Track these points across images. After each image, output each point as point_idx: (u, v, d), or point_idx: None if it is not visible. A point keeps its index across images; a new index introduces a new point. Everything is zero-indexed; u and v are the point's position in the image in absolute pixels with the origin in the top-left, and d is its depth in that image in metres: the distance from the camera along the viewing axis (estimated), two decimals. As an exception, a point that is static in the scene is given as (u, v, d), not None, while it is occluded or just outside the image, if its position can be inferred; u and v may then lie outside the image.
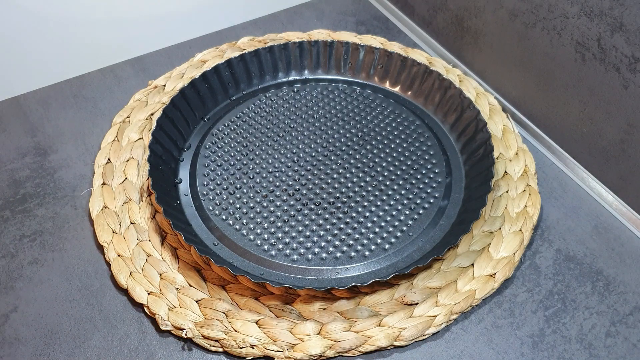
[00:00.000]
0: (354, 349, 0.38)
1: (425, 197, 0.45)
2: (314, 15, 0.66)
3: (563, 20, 0.45)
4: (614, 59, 0.42)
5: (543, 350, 0.39)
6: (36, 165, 0.49)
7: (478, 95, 0.54)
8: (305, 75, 0.56)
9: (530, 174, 0.47)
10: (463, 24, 0.56)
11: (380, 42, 0.59)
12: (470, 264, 0.42)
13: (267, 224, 0.43)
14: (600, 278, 0.43)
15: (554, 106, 0.50)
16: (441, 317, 0.39)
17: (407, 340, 0.38)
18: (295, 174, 0.47)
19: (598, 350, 0.39)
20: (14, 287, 0.41)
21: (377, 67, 0.54)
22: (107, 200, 0.45)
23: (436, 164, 0.48)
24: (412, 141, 0.49)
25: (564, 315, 0.40)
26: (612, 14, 0.41)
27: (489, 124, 0.48)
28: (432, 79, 0.51)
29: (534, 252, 0.44)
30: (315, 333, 0.38)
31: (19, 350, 0.38)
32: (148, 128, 0.51)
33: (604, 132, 0.46)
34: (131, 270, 0.41)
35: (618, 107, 0.44)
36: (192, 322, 0.39)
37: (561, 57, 0.47)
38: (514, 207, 0.45)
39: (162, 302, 0.39)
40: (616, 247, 0.44)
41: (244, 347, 0.37)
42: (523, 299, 0.41)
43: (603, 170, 0.48)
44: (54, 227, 0.45)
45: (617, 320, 0.40)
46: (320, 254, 0.42)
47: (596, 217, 0.46)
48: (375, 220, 0.44)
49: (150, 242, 0.43)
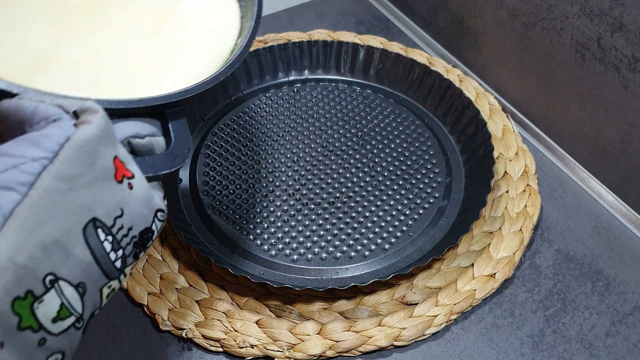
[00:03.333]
0: (354, 349, 0.38)
1: (425, 197, 0.45)
2: (314, 15, 0.66)
3: (563, 20, 0.45)
4: (614, 59, 0.42)
5: (543, 350, 0.39)
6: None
7: (478, 95, 0.54)
8: (305, 75, 0.56)
9: (530, 174, 0.47)
10: (463, 24, 0.56)
11: (380, 42, 0.59)
12: (470, 264, 0.42)
13: (267, 224, 0.43)
14: (600, 278, 0.43)
15: (554, 106, 0.50)
16: (441, 317, 0.39)
17: (407, 340, 0.38)
18: (295, 174, 0.47)
19: (598, 350, 0.39)
20: (14, 287, 0.41)
21: (377, 67, 0.54)
22: (107, 200, 0.45)
23: (436, 164, 0.48)
24: (412, 141, 0.49)
25: (564, 315, 0.40)
26: (612, 14, 0.41)
27: (489, 124, 0.48)
28: (432, 79, 0.51)
29: (534, 252, 0.44)
30: (315, 333, 0.38)
31: (19, 350, 0.38)
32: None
33: (604, 132, 0.46)
34: (131, 270, 0.41)
35: (618, 107, 0.44)
36: (192, 322, 0.39)
37: (561, 57, 0.47)
38: (514, 207, 0.45)
39: (162, 302, 0.39)
40: (616, 247, 0.44)
41: (244, 347, 0.37)
42: (523, 299, 0.41)
43: (603, 170, 0.48)
44: (54, 227, 0.45)
45: (617, 320, 0.40)
46: (320, 254, 0.42)
47: (596, 217, 0.46)
48: (375, 220, 0.44)
49: (150, 242, 0.43)
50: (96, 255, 0.22)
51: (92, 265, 0.22)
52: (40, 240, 0.20)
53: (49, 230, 0.20)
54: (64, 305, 0.21)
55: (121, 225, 0.23)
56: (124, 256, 0.24)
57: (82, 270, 0.22)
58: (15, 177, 0.19)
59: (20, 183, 0.19)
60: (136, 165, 0.24)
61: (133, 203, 0.24)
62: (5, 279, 0.18)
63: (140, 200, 0.24)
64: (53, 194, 0.20)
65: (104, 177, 0.22)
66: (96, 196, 0.22)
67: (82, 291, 0.22)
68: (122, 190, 0.23)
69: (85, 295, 0.22)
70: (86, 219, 0.21)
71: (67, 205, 0.21)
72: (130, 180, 0.23)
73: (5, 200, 0.19)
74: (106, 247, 0.23)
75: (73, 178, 0.21)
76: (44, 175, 0.20)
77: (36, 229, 0.19)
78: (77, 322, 0.22)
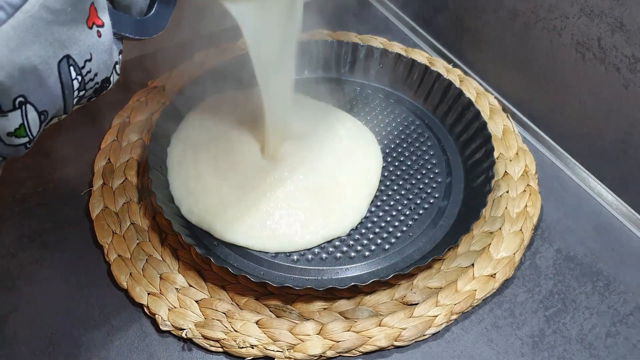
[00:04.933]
0: (354, 349, 0.38)
1: (425, 197, 0.45)
2: (314, 15, 0.65)
3: (563, 20, 0.45)
4: (614, 59, 0.42)
5: (543, 350, 0.39)
6: (36, 165, 0.49)
7: (478, 95, 0.54)
8: (306, 75, 0.55)
9: (530, 174, 0.47)
10: (463, 24, 0.56)
11: (381, 42, 0.59)
12: (471, 264, 0.42)
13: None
14: (601, 278, 0.43)
15: (554, 106, 0.50)
16: (441, 317, 0.39)
17: (407, 340, 0.38)
18: (296, 174, 0.47)
19: (598, 351, 0.39)
20: (14, 287, 0.41)
21: (377, 67, 0.54)
22: (107, 201, 0.45)
23: (436, 164, 0.48)
24: (412, 141, 0.49)
25: (564, 316, 0.40)
26: (613, 14, 0.41)
27: (489, 124, 0.48)
28: (432, 79, 0.51)
29: (534, 252, 0.44)
30: (316, 333, 0.38)
31: (18, 351, 0.38)
32: (148, 128, 0.51)
33: (604, 132, 0.46)
34: (131, 270, 0.41)
35: (618, 107, 0.44)
36: (192, 322, 0.38)
37: (561, 57, 0.47)
38: (514, 207, 0.45)
39: (162, 302, 0.39)
40: (616, 247, 0.44)
41: (244, 347, 0.37)
42: (523, 299, 0.41)
43: (603, 170, 0.48)
44: (54, 227, 0.45)
45: (617, 321, 0.40)
46: (321, 254, 0.42)
47: (596, 217, 0.46)
48: (375, 221, 0.44)
49: (150, 242, 0.43)
50: (65, 90, 0.24)
51: (58, 97, 0.24)
52: (20, 63, 0.21)
53: (29, 55, 0.22)
54: (24, 126, 0.23)
55: (89, 69, 0.25)
56: (82, 97, 0.26)
57: (49, 100, 0.24)
58: None
59: (9, 4, 0.21)
60: (108, 16, 0.26)
61: (100, 50, 0.25)
62: None
63: (105, 49, 0.26)
64: (38, 21, 0.21)
65: (79, 19, 0.24)
66: (72, 35, 0.23)
67: (43, 118, 0.24)
68: (92, 36, 0.25)
69: (43, 123, 0.24)
70: (62, 53, 0.23)
71: (47, 36, 0.22)
72: (100, 28, 0.25)
73: None
74: (74, 85, 0.25)
75: (58, 12, 0.22)
76: (33, 1, 0.21)
77: (18, 50, 0.21)
78: (28, 143, 0.24)
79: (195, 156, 0.45)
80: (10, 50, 0.21)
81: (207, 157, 0.45)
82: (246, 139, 0.46)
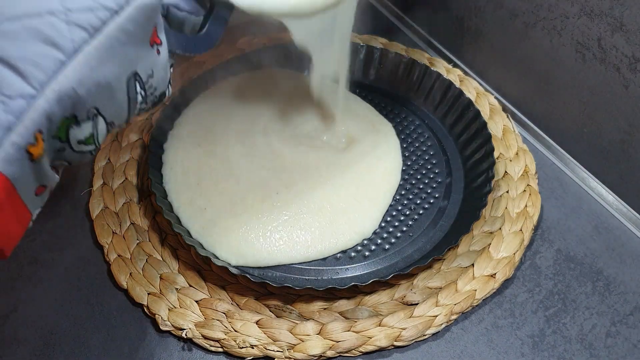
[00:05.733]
0: (354, 349, 0.38)
1: (425, 197, 0.45)
2: (314, 15, 0.65)
3: (563, 20, 0.45)
4: (614, 59, 0.42)
5: (543, 350, 0.39)
6: (36, 166, 0.49)
7: (478, 95, 0.53)
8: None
9: (530, 174, 0.47)
10: (463, 24, 0.56)
11: (381, 42, 0.59)
12: (471, 264, 0.42)
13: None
14: (601, 278, 0.43)
15: (554, 106, 0.50)
16: (441, 317, 0.39)
17: (407, 340, 0.38)
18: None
19: (598, 351, 0.39)
20: (13, 287, 0.41)
21: (377, 67, 0.54)
22: (107, 201, 0.45)
23: (436, 164, 0.48)
24: (412, 141, 0.49)
25: (564, 316, 0.40)
26: (613, 13, 0.41)
27: (489, 124, 0.48)
28: (432, 79, 0.51)
29: (534, 252, 0.44)
30: (316, 333, 0.38)
31: (18, 351, 0.38)
32: (148, 128, 0.51)
33: (604, 132, 0.46)
34: (131, 270, 0.41)
35: (618, 107, 0.44)
36: (192, 322, 0.38)
37: (561, 57, 0.47)
38: (514, 207, 0.45)
39: (162, 302, 0.39)
40: (616, 247, 0.44)
41: (244, 347, 0.37)
42: (523, 299, 0.41)
43: (603, 170, 0.48)
44: (54, 227, 0.45)
45: (617, 321, 0.40)
46: (321, 254, 0.42)
47: (596, 217, 0.46)
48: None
49: (150, 242, 0.43)
50: (130, 104, 0.27)
51: (124, 110, 0.27)
52: (97, 79, 0.24)
53: (105, 72, 0.24)
54: (93, 135, 0.26)
55: (151, 84, 0.28)
56: (142, 109, 0.29)
57: (116, 113, 0.26)
58: (89, 19, 0.23)
59: (92, 25, 0.23)
60: (164, 35, 0.28)
61: (159, 67, 0.28)
62: (66, 102, 0.23)
63: (163, 66, 0.28)
64: (114, 42, 0.24)
65: (145, 39, 0.26)
66: (139, 54, 0.26)
67: (110, 128, 0.27)
68: (153, 54, 0.27)
69: (109, 132, 0.27)
70: (131, 70, 0.26)
71: (121, 55, 0.25)
72: (159, 46, 0.27)
73: (77, 36, 0.23)
74: (138, 99, 0.27)
75: (130, 34, 0.25)
76: (111, 24, 0.24)
77: (97, 68, 0.24)
78: (94, 150, 0.27)
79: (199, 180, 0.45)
80: (90, 69, 0.23)
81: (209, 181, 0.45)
82: (246, 139, 0.46)
